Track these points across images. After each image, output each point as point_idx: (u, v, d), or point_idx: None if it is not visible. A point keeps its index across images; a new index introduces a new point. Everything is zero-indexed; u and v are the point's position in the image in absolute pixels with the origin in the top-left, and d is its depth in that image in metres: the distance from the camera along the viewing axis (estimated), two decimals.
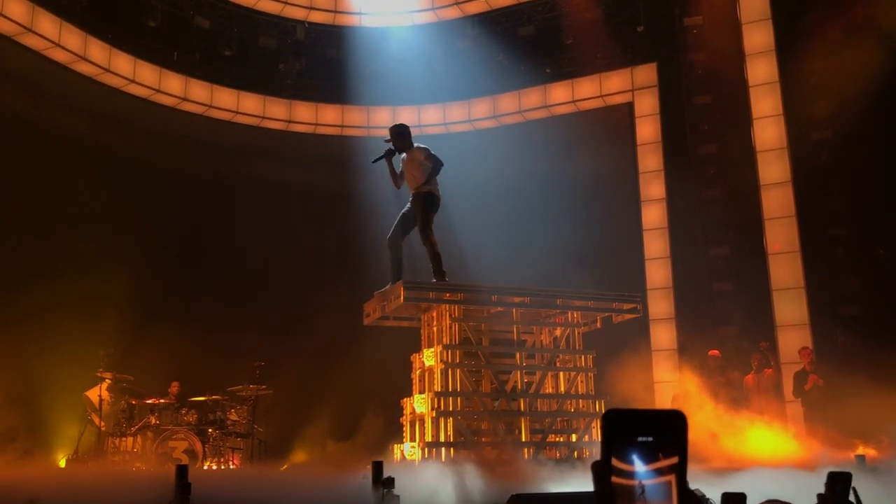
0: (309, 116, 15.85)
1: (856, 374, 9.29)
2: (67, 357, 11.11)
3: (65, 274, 11.63)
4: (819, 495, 3.31)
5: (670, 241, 13.65)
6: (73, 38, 12.99)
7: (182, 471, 5.21)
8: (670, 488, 1.29)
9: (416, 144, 8.25)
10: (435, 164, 8.01)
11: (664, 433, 1.30)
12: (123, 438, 10.30)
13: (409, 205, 8.25)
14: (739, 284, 12.88)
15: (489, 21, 15.38)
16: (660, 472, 1.30)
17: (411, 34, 15.52)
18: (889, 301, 11.19)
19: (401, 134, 8.19)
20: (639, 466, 1.30)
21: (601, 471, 1.30)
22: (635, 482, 1.30)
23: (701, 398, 10.42)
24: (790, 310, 12.08)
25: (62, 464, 10.90)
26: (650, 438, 1.30)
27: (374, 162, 8.17)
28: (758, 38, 13.04)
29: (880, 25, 11.73)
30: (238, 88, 15.23)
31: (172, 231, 13.61)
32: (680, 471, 1.30)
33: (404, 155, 8.23)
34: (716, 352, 11.34)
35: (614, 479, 1.30)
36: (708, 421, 9.58)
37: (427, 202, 8.04)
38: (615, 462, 1.30)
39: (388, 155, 8.13)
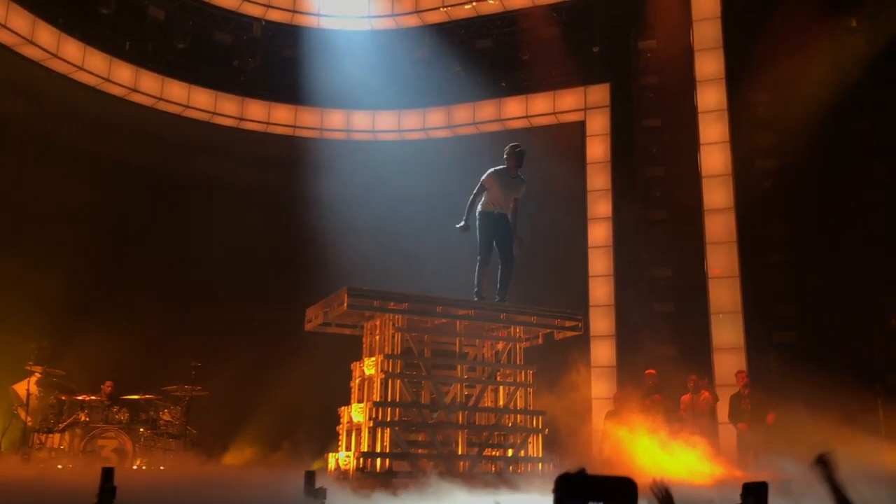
0: (261, 115, 15.68)
1: (788, 399, 9.52)
2: None
3: None
4: None
5: (614, 260, 13.83)
6: (20, 20, 12.64)
7: (108, 473, 5.06)
8: None
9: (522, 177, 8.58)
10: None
11: (614, 499, 1.31)
12: (50, 435, 10.00)
13: (490, 219, 8.46)
14: (679, 306, 13.11)
15: (448, 32, 15.43)
16: None
17: (369, 39, 15.48)
18: (822, 329, 11.52)
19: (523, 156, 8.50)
20: None
21: None
22: None
23: (633, 415, 10.57)
24: (727, 333, 12.34)
25: None
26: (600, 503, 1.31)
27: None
28: (709, 65, 13.33)
29: (826, 60, 12.09)
30: (189, 82, 14.99)
31: (114, 223, 13.27)
32: None
33: (504, 167, 8.45)
34: (652, 371, 11.50)
35: None
36: (636, 437, 9.73)
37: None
38: None
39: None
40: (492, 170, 8.49)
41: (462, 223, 8.48)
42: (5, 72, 12.80)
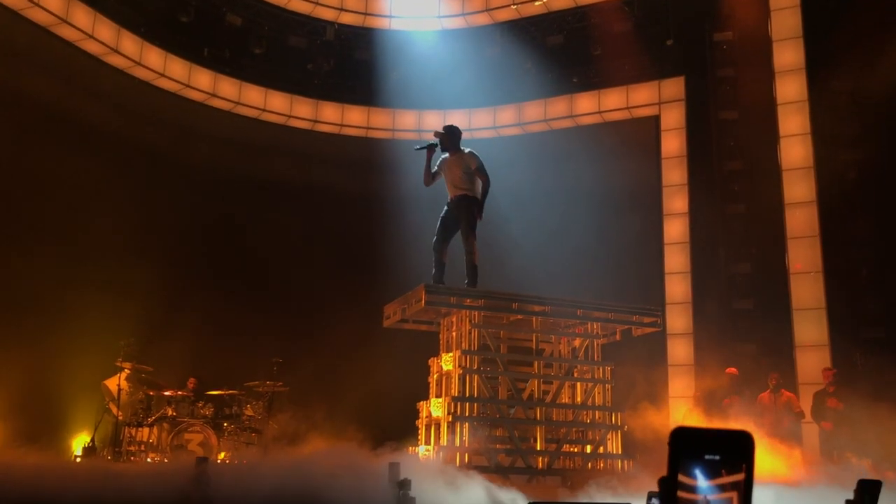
0: (335, 117, 15.92)
1: (876, 397, 9.21)
2: (88, 345, 11.21)
3: (88, 264, 11.74)
4: (847, 501, 3.26)
5: (691, 256, 13.59)
6: (106, 30, 13.14)
7: (201, 461, 5.26)
8: None
9: (467, 150, 8.29)
10: (487, 182, 8.11)
11: (731, 453, 1.32)
12: (140, 429, 10.36)
13: (445, 208, 8.30)
14: (759, 303, 12.80)
15: (518, 29, 15.41)
16: (722, 488, 1.32)
17: (440, 39, 15.58)
18: None
19: (451, 134, 8.27)
20: (701, 481, 1.32)
21: (668, 486, 1.32)
22: (699, 496, 1.31)
23: (713, 414, 10.38)
24: (810, 330, 12.00)
25: (79, 451, 11.00)
26: (717, 457, 1.32)
27: (416, 149, 8.28)
28: (788, 55, 12.98)
29: None
30: (266, 86, 15.33)
31: (196, 225, 13.69)
32: (745, 489, 1.32)
33: (447, 155, 8.27)
34: (733, 370, 11.26)
35: (679, 493, 1.32)
36: None
37: (471, 208, 8.08)
38: (680, 477, 1.31)
39: (430, 148, 8.20)
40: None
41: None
42: (92, 79, 13.34)
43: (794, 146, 12.72)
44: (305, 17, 15.45)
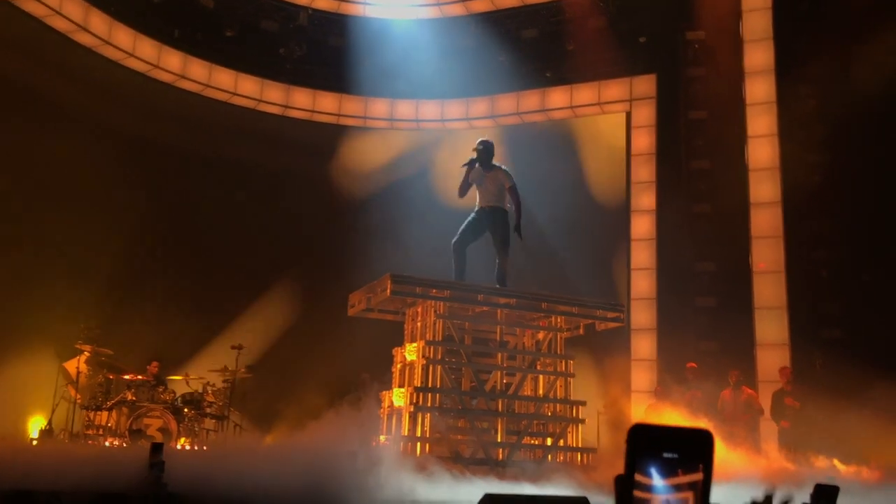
0: (306, 103, 15.79)
1: (833, 396, 9.37)
2: (47, 327, 11.03)
3: (49, 243, 11.56)
4: None
5: (657, 253, 13.71)
6: (74, 7, 12.90)
7: (157, 448, 5.18)
8: None
9: (501, 167, 8.56)
10: (520, 202, 8.45)
11: (689, 450, 1.30)
12: (98, 412, 10.22)
13: (475, 215, 8.53)
14: (722, 300, 12.95)
15: (493, 21, 15.37)
16: (678, 488, 1.30)
17: (414, 28, 15.48)
18: (869, 326, 11.26)
19: (486, 150, 8.50)
20: (657, 481, 1.30)
21: (624, 485, 1.30)
22: (656, 496, 1.30)
23: (674, 410, 10.48)
24: (771, 329, 12.18)
25: (35, 433, 10.83)
26: (675, 455, 1.30)
27: (463, 166, 8.47)
28: (758, 57, 13.11)
29: (881, 52, 11.80)
30: (237, 70, 15.16)
31: (162, 207, 13.51)
32: (703, 489, 1.30)
33: (477, 165, 8.48)
34: (694, 364, 11.41)
35: (636, 492, 1.30)
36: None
37: (505, 222, 8.42)
38: (636, 476, 1.30)
39: (471, 165, 8.45)
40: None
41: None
42: (60, 57, 13.08)
43: (762, 147, 12.87)
44: (279, 2, 15.29)
